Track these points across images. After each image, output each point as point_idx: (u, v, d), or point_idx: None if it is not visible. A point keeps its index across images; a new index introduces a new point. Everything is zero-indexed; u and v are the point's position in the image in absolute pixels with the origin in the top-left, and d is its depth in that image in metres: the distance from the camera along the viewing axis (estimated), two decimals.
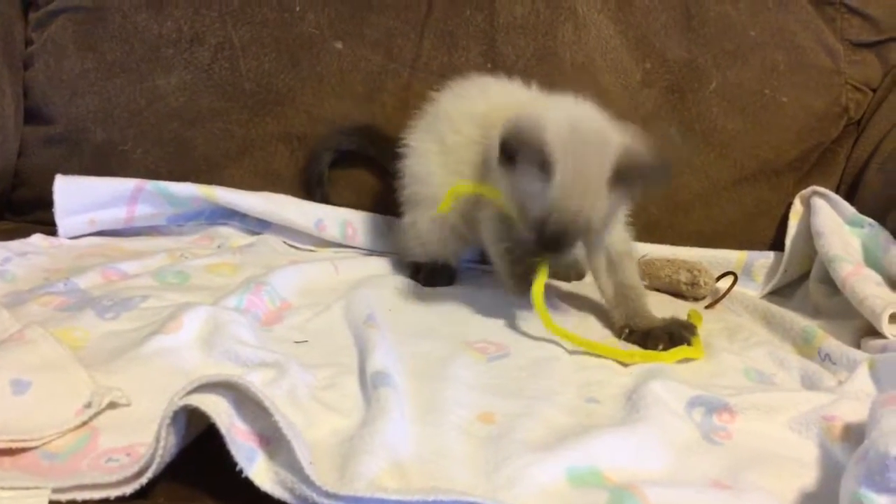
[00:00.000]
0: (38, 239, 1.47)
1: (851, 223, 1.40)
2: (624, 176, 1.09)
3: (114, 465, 0.75)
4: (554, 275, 1.36)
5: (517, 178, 1.11)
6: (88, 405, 0.82)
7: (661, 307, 1.29)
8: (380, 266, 1.49)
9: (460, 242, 1.41)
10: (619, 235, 1.27)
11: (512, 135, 1.09)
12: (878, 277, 1.26)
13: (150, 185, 1.54)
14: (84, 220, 1.53)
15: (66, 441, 0.78)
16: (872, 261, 1.31)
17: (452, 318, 1.23)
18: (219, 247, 1.55)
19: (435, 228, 1.38)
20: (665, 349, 1.13)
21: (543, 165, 1.07)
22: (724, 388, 0.99)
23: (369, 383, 0.91)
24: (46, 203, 1.52)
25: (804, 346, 1.18)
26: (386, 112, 1.64)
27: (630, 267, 1.27)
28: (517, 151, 1.09)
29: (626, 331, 1.21)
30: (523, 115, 1.12)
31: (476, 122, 1.31)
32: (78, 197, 1.51)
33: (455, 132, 1.34)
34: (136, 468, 0.70)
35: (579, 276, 1.48)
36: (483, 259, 1.55)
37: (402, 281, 1.40)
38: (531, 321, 1.21)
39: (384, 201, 1.61)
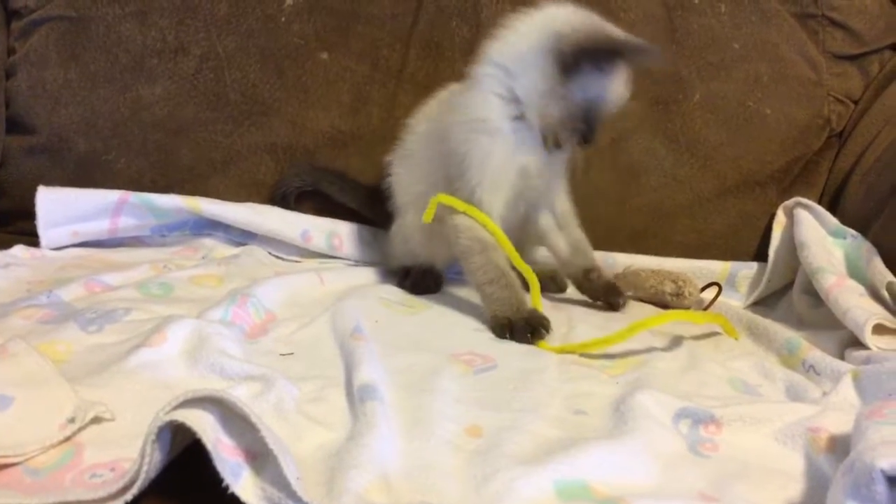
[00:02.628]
0: (19, 250, 1.46)
1: (834, 234, 1.41)
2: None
3: (98, 481, 0.74)
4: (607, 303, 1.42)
5: (574, 85, 1.19)
6: (72, 420, 0.81)
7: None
8: (365, 277, 1.49)
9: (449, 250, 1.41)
10: (563, 195, 1.41)
11: (575, 42, 1.17)
12: (861, 289, 1.27)
13: (134, 196, 1.53)
14: (67, 232, 1.52)
15: (49, 456, 0.77)
16: (855, 272, 1.32)
17: (439, 331, 1.23)
18: (203, 258, 1.54)
19: (415, 234, 1.42)
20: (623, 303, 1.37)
21: (615, 55, 1.19)
22: (710, 399, 0.99)
23: (356, 396, 0.90)
24: (28, 214, 1.51)
25: (788, 356, 1.19)
26: (372, 123, 1.65)
27: (575, 222, 1.43)
28: (591, 54, 1.18)
29: (595, 274, 1.41)
30: (569, 23, 1.20)
31: (426, 117, 1.42)
32: (61, 209, 1.50)
33: (412, 134, 1.44)
34: (120, 484, 0.69)
35: (561, 289, 1.50)
36: None
37: (388, 292, 1.40)
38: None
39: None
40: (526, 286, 1.30)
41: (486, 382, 1.03)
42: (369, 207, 1.59)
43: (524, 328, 1.20)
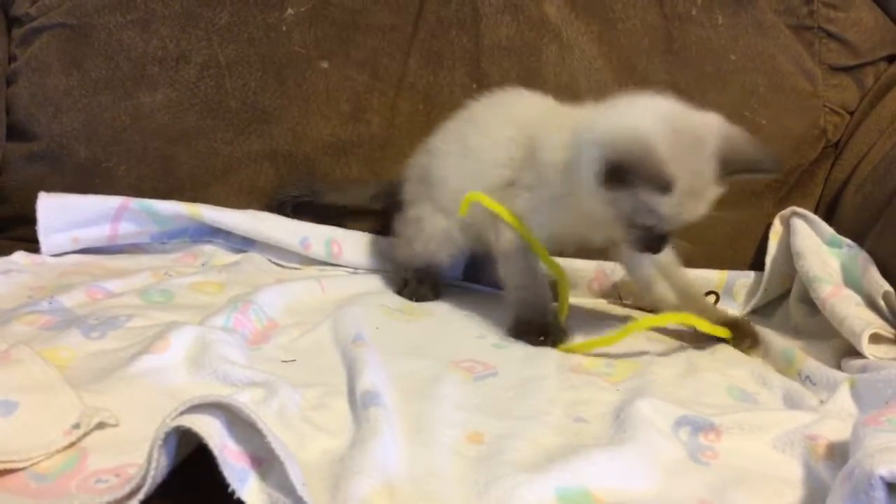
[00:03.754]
0: (20, 256, 1.46)
1: (830, 244, 1.42)
2: (731, 166, 1.10)
3: (103, 487, 0.74)
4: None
5: (623, 196, 1.09)
6: (77, 426, 0.82)
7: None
8: (365, 284, 1.49)
9: (457, 246, 1.43)
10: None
11: (622, 157, 1.06)
12: (857, 298, 1.28)
13: (135, 202, 1.54)
14: (67, 238, 1.52)
15: (54, 462, 0.77)
16: (852, 281, 1.33)
17: (439, 337, 1.24)
18: (203, 265, 1.54)
19: (434, 233, 1.40)
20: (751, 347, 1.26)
21: (662, 185, 1.05)
22: (709, 406, 1.00)
23: (359, 403, 0.91)
24: (29, 220, 1.51)
25: (786, 368, 1.19)
26: (372, 131, 1.65)
27: (680, 268, 1.34)
28: (631, 173, 1.06)
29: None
30: (625, 130, 1.09)
31: (508, 123, 1.33)
32: (61, 215, 1.51)
33: (481, 135, 1.35)
34: (126, 489, 0.69)
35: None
36: (469, 277, 1.57)
37: (388, 299, 1.40)
38: (518, 342, 1.24)
39: (369, 219, 1.63)
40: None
41: (487, 389, 1.04)
42: (376, 201, 1.59)
43: (540, 332, 1.23)
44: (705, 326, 1.26)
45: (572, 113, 1.28)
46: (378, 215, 1.53)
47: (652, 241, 1.14)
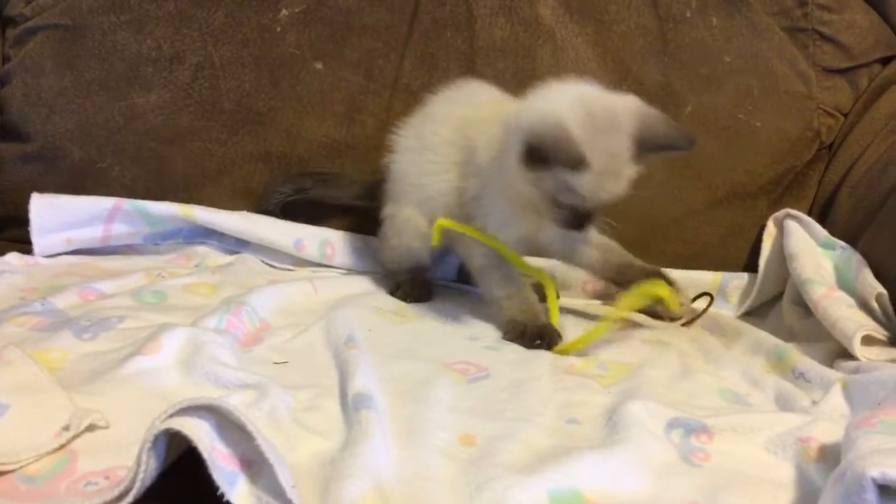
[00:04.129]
0: (13, 258, 1.46)
1: (824, 245, 1.42)
2: (646, 145, 1.16)
3: (92, 489, 0.74)
4: None
5: (544, 175, 1.14)
6: (67, 428, 0.81)
7: (639, 327, 1.36)
8: (359, 285, 1.49)
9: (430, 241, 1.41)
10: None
11: (538, 139, 1.12)
12: (850, 300, 1.28)
13: (128, 203, 1.53)
14: (60, 239, 1.51)
15: (43, 464, 0.77)
16: (845, 283, 1.33)
17: (432, 339, 1.24)
18: (196, 266, 1.54)
19: (406, 225, 1.41)
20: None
21: (575, 163, 1.10)
22: (701, 408, 1.00)
23: (350, 405, 0.91)
24: (22, 221, 1.51)
25: (778, 363, 1.19)
26: (366, 132, 1.65)
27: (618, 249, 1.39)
28: (547, 154, 1.11)
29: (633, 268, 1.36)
30: (542, 114, 1.15)
31: (454, 124, 1.35)
32: (54, 215, 1.50)
33: (434, 132, 1.37)
34: (115, 492, 0.69)
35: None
36: (462, 278, 1.56)
37: (380, 300, 1.40)
38: (511, 344, 1.24)
39: (363, 220, 1.62)
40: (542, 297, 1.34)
41: (480, 391, 1.04)
42: (368, 198, 1.57)
43: (536, 335, 1.24)
44: (664, 291, 1.30)
45: (509, 106, 1.31)
46: (370, 215, 1.53)
47: (576, 220, 1.19)
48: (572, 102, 1.15)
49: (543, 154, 1.11)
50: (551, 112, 1.14)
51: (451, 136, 1.35)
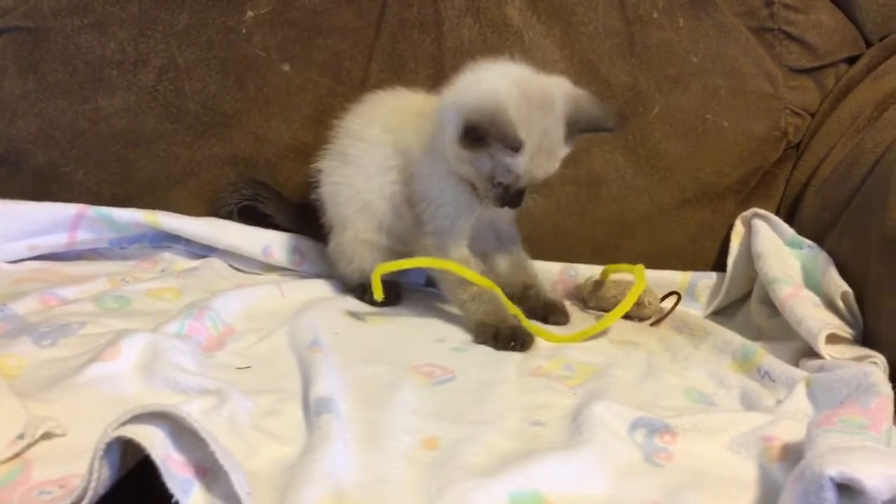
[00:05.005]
0: None
1: (791, 244, 1.43)
2: (576, 126, 1.21)
3: (46, 498, 0.73)
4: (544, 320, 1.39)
5: (482, 154, 1.19)
6: (21, 436, 0.80)
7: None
8: (326, 288, 1.48)
9: (392, 257, 1.41)
10: (509, 217, 1.42)
11: (477, 119, 1.15)
12: (816, 299, 1.28)
13: (92, 210, 1.51)
14: (24, 246, 1.49)
15: None
16: (811, 282, 1.34)
17: (398, 342, 1.23)
18: (162, 271, 1.52)
19: (359, 249, 1.41)
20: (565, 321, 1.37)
21: (514, 144, 1.15)
22: (665, 408, 1.00)
23: (312, 410, 0.90)
24: None
25: (744, 362, 1.20)
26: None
27: (519, 243, 1.45)
28: (485, 134, 1.15)
29: (533, 291, 1.41)
30: (480, 95, 1.18)
31: (380, 126, 1.39)
32: (17, 223, 1.48)
33: (357, 140, 1.40)
34: (67, 501, 0.68)
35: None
36: (429, 282, 1.56)
37: (348, 303, 1.39)
38: (477, 346, 1.23)
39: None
40: None
41: (445, 394, 1.03)
42: (303, 226, 1.58)
43: (510, 337, 1.23)
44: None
45: (435, 99, 1.35)
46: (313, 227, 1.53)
47: (511, 197, 1.23)
48: (509, 84, 1.19)
49: (482, 133, 1.15)
50: (490, 93, 1.18)
51: (379, 140, 1.38)
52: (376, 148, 1.38)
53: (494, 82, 1.20)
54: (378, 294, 1.26)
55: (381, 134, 1.38)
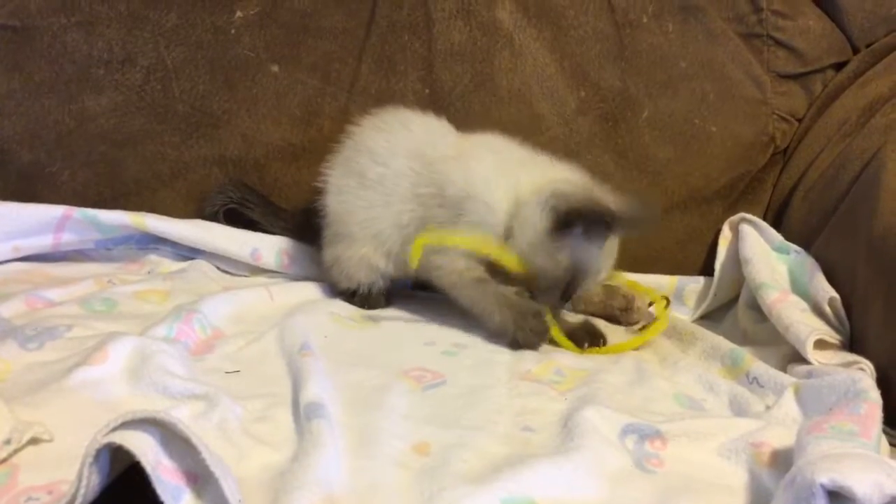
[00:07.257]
0: None
1: (778, 250, 1.44)
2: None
3: None
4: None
5: (564, 243, 1.22)
6: (8, 442, 0.79)
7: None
8: (315, 292, 1.47)
9: (389, 275, 1.42)
10: None
11: (575, 211, 1.20)
12: (803, 304, 1.29)
13: (78, 212, 1.50)
14: (8, 248, 1.47)
15: None
16: (799, 287, 1.34)
17: (389, 346, 1.23)
18: (149, 273, 1.51)
19: (362, 268, 1.40)
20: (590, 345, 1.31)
21: (597, 237, 1.22)
22: (656, 414, 1.00)
23: (302, 415, 0.90)
24: None
25: (732, 367, 1.20)
26: (323, 135, 1.63)
27: None
28: (582, 226, 1.21)
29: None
30: (571, 189, 1.24)
31: (406, 155, 1.36)
32: (1, 224, 1.46)
33: (381, 166, 1.37)
34: None
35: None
36: (419, 285, 1.55)
37: (338, 307, 1.38)
38: (468, 349, 1.22)
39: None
40: None
41: (435, 399, 1.03)
42: (292, 232, 1.57)
43: (529, 338, 1.25)
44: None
45: (466, 141, 1.37)
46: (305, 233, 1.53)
47: (569, 293, 1.28)
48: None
49: (576, 224, 1.21)
50: (576, 188, 1.25)
51: (405, 170, 1.35)
52: (402, 178, 1.35)
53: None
54: (414, 262, 1.30)
55: (407, 161, 1.36)
